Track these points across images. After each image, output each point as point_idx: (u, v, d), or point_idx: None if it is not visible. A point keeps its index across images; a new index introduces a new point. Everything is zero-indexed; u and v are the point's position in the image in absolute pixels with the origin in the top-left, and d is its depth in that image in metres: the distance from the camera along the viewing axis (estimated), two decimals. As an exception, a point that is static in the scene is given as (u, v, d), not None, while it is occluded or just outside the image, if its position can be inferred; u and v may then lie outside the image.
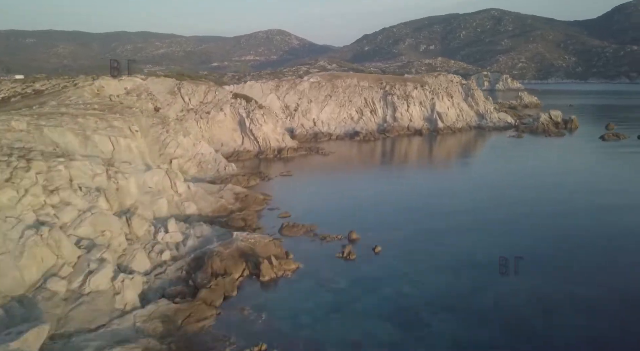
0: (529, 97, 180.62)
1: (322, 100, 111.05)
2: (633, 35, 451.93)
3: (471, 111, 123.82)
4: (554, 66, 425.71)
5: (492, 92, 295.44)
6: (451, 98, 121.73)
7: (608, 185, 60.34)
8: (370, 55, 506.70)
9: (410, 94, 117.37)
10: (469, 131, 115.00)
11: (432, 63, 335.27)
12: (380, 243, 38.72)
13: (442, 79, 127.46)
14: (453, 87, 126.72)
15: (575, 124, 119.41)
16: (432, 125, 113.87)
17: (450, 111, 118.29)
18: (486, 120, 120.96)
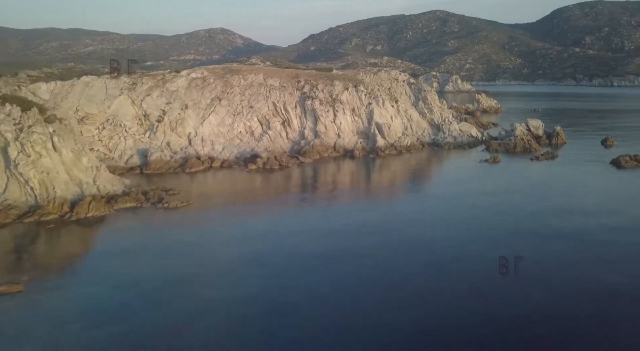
0: (488, 100, 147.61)
1: (207, 105, 71.16)
2: (573, 37, 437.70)
3: (423, 121, 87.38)
4: (500, 67, 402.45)
5: (442, 94, 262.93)
6: (396, 103, 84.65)
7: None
8: (316, 55, 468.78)
9: (338, 97, 79.35)
10: (420, 150, 78.13)
11: (379, 63, 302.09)
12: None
13: (383, 76, 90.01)
14: (398, 88, 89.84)
15: (562, 139, 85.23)
16: (369, 143, 76.34)
17: (394, 121, 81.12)
18: (444, 133, 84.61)
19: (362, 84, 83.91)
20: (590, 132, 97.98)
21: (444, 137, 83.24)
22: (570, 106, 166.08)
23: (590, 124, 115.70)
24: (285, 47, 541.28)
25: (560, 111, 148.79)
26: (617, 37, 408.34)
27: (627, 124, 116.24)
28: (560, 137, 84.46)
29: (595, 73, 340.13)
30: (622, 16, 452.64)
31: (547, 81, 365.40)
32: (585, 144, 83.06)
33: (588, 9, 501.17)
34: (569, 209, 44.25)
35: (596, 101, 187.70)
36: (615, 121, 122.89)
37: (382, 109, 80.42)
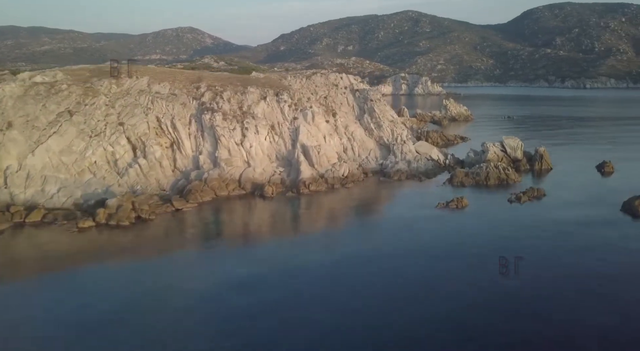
0: (456, 106, 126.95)
1: (48, 123, 47.95)
2: (543, 38, 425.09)
3: (370, 140, 65.50)
4: (472, 68, 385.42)
5: (411, 96, 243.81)
6: (333, 117, 62.67)
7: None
8: (285, 55, 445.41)
9: (251, 109, 56.97)
10: (361, 181, 56.09)
11: (345, 63, 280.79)
12: None
13: (318, 81, 67.49)
14: (338, 97, 67.70)
15: (546, 163, 64.50)
16: (292, 172, 54.27)
17: (329, 142, 59.04)
18: (395, 157, 62.89)
19: (288, 91, 61.53)
20: (579, 151, 77.58)
21: (395, 162, 61.39)
22: (546, 111, 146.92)
23: (574, 135, 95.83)
24: (254, 47, 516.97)
25: (537, 118, 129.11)
26: (587, 38, 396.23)
27: (616, 135, 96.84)
28: (544, 161, 63.74)
29: (567, 75, 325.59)
30: (591, 17, 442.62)
31: (519, 82, 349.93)
32: (578, 171, 62.41)
33: (557, 10, 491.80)
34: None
35: (573, 105, 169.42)
36: (600, 131, 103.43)
37: (311, 126, 58.21)
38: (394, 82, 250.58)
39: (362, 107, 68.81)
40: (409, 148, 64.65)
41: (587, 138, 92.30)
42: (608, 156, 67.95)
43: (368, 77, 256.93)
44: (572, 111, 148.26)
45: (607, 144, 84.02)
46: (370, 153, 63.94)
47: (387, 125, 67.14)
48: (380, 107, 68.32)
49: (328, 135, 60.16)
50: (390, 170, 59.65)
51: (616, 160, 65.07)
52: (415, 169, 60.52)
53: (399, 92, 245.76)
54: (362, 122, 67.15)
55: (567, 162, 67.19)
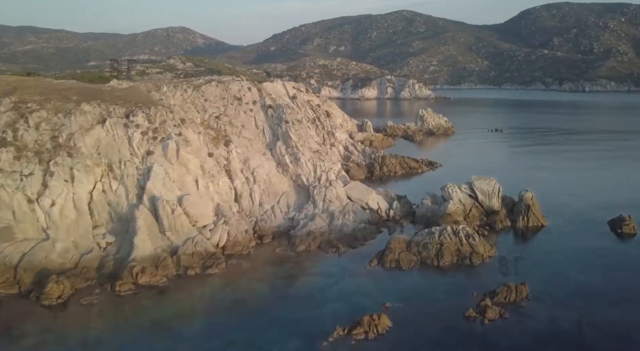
0: (436, 117, 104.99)
1: None
2: (540, 39, 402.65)
3: (283, 180, 43.22)
4: (466, 70, 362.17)
5: (397, 101, 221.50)
6: (225, 147, 41.01)
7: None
8: (275, 55, 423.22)
9: (73, 141, 35.98)
10: (248, 255, 33.82)
11: (329, 65, 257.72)
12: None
13: (211, 93, 45.54)
14: (240, 116, 46.17)
15: (535, 216, 42.91)
16: (122, 249, 33.22)
17: (206, 189, 37.63)
18: (315, 207, 41.21)
19: (154, 108, 40.18)
20: (582, 189, 55.41)
21: (311, 216, 39.99)
22: (541, 122, 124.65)
23: (574, 161, 73.94)
24: (244, 47, 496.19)
25: (529, 132, 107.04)
26: (586, 38, 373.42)
27: (631, 161, 75.00)
28: (533, 214, 42.30)
29: (565, 77, 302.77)
30: (589, 17, 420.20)
31: (515, 84, 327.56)
32: (583, 231, 40.94)
33: (555, 10, 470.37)
34: None
35: (572, 114, 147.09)
36: (607, 154, 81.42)
37: (173, 164, 36.85)
38: (379, 85, 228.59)
39: (275, 130, 47.38)
40: (335, 193, 43.17)
41: (591, 165, 70.46)
42: (622, 199, 46.71)
43: (352, 79, 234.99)
44: (570, 121, 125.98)
45: (617, 176, 62.54)
46: (280, 200, 42.56)
47: (309, 157, 45.63)
48: (299, 132, 46.86)
49: (207, 177, 38.76)
50: (301, 232, 38.24)
51: (635, 208, 43.54)
52: (339, 229, 39.08)
53: (384, 96, 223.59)
54: (275, 153, 45.75)
55: (567, 213, 45.47)
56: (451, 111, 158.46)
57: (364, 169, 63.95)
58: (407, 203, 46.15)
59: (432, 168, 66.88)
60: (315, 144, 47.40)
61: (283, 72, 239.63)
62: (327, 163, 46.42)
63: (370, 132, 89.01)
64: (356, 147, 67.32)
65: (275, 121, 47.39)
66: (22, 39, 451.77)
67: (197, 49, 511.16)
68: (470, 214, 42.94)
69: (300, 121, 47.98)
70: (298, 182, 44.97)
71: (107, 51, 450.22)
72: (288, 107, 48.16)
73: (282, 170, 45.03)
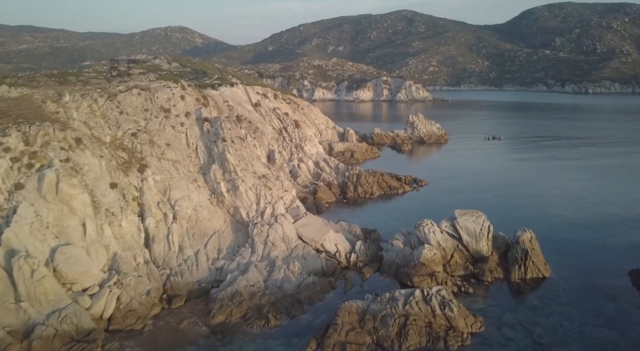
0: (427, 124, 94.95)
1: None
2: (542, 39, 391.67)
3: (218, 214, 33.99)
4: (466, 71, 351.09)
5: (392, 103, 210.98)
6: (139, 174, 31.58)
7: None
8: (273, 55, 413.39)
9: None
10: (135, 338, 25.66)
11: (324, 65, 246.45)
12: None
13: (131, 103, 35.26)
14: (166, 133, 36.48)
15: (536, 267, 33.02)
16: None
17: (95, 233, 28.42)
18: (253, 252, 31.79)
19: (37, 125, 30.45)
20: (595, 221, 45.27)
21: (244, 267, 30.31)
22: (544, 128, 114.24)
23: (586, 180, 63.70)
24: (242, 47, 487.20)
25: (531, 140, 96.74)
26: (588, 39, 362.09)
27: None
28: (532, 262, 32.48)
29: (567, 78, 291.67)
30: (592, 17, 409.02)
31: (516, 86, 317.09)
32: (597, 286, 31.00)
33: (557, 10, 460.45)
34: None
35: (576, 119, 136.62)
36: (619, 170, 71.15)
37: (48, 204, 27.10)
38: (374, 86, 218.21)
39: (210, 148, 37.56)
40: (281, 232, 33.40)
41: (608, 186, 60.20)
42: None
43: (347, 80, 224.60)
44: (575, 127, 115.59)
45: (635, 199, 52.50)
46: (209, 243, 32.81)
47: (251, 185, 35.80)
48: (240, 152, 37.00)
49: (103, 217, 29.07)
50: (221, 293, 28.44)
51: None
52: (279, 286, 29.28)
53: (379, 98, 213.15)
54: (209, 180, 35.98)
55: (576, 259, 35.52)
56: (448, 115, 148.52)
57: (336, 189, 54.10)
58: (374, 243, 36.28)
59: (416, 187, 56.87)
60: (262, 167, 37.53)
61: (276, 72, 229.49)
62: (277, 191, 36.66)
63: (353, 142, 79.07)
64: (329, 162, 57.40)
65: (213, 137, 37.73)
66: (19, 38, 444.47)
67: (196, 49, 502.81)
68: (452, 262, 33.05)
69: (243, 138, 38.09)
70: (236, 217, 35.21)
71: (105, 51, 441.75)
72: (227, 121, 38.22)
73: (217, 201, 35.31)
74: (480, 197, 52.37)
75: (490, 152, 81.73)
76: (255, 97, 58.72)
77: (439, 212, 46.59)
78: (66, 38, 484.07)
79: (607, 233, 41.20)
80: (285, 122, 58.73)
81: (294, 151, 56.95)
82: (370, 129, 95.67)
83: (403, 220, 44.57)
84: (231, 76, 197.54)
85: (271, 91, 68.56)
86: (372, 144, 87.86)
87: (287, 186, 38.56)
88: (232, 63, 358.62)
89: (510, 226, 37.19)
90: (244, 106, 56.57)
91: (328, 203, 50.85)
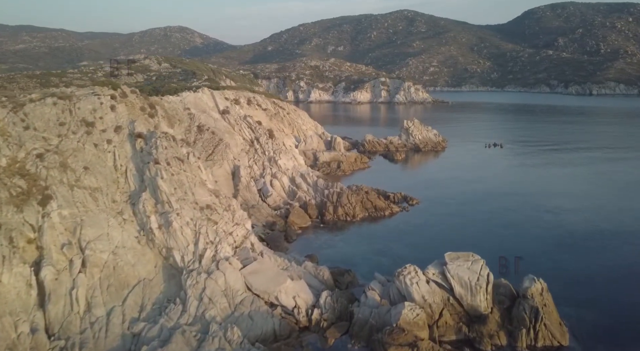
0: (423, 129, 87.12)
1: None
2: (545, 39, 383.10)
3: (148, 255, 27.03)
4: (468, 71, 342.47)
5: (391, 105, 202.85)
6: (41, 208, 24.13)
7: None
8: (272, 55, 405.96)
9: None
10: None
11: (321, 66, 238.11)
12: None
13: (41, 115, 27.25)
14: (85, 153, 28.78)
15: (549, 333, 25.68)
16: None
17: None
18: (183, 310, 24.67)
19: None
20: (620, 261, 37.48)
21: (168, 331, 23.00)
22: (549, 134, 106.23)
23: (602, 195, 55.82)
24: (241, 47, 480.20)
25: (536, 148, 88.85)
26: (592, 39, 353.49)
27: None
28: (544, 324, 24.97)
29: (571, 79, 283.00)
30: (595, 17, 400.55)
31: (518, 87, 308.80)
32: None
33: (560, 9, 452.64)
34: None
35: (583, 122, 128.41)
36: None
37: None
38: (372, 88, 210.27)
39: (142, 172, 29.97)
40: (223, 283, 25.82)
41: (625, 200, 52.48)
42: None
43: (344, 81, 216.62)
44: (584, 132, 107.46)
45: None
46: (128, 298, 25.28)
47: (189, 219, 28.19)
48: (178, 177, 29.42)
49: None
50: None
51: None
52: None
53: (377, 100, 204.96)
54: (138, 211, 28.43)
55: (600, 315, 27.86)
56: (447, 118, 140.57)
57: (313, 210, 46.45)
58: (345, 294, 28.62)
59: (406, 208, 49.11)
60: (207, 195, 29.88)
61: (271, 73, 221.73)
62: (224, 225, 29.12)
63: (340, 151, 71.35)
64: (306, 178, 49.74)
65: (147, 158, 30.23)
66: (17, 38, 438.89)
67: (195, 49, 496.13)
68: (440, 322, 25.41)
69: (183, 158, 30.48)
70: (170, 260, 27.68)
71: (103, 51, 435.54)
72: (164, 138, 30.49)
73: (147, 240, 27.82)
74: (478, 219, 44.76)
75: (491, 162, 73.90)
76: (223, 103, 51.21)
77: (429, 243, 39.05)
78: (65, 38, 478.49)
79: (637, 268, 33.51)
80: (257, 132, 51.13)
81: (266, 165, 49.36)
82: (365, 133, 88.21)
83: (386, 253, 37.07)
84: (224, 76, 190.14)
85: (244, 96, 60.87)
86: (363, 152, 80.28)
87: (240, 217, 30.92)
88: (230, 63, 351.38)
89: (514, 259, 29.61)
90: (209, 113, 49.03)
91: (302, 228, 43.23)
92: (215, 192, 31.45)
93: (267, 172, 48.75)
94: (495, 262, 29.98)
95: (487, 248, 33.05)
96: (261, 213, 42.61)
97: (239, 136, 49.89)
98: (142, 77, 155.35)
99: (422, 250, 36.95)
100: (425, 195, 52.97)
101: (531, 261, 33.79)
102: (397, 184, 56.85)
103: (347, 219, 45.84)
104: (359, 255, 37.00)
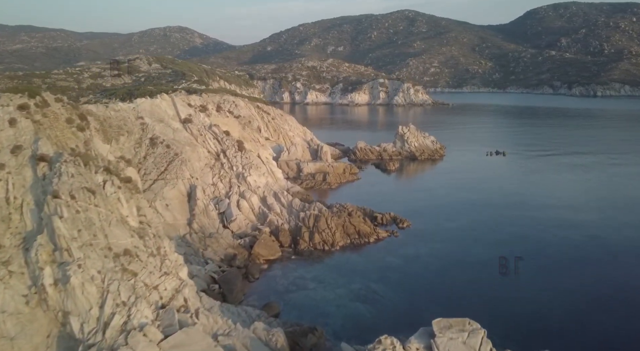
0: (420, 136, 79.67)
1: None
2: (547, 39, 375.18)
3: (38, 323, 20.70)
4: (469, 72, 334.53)
5: (389, 107, 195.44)
6: None
7: None
8: (272, 55, 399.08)
9: None
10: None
11: (318, 66, 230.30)
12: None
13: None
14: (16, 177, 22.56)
15: None
16: None
17: None
18: None
19: None
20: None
21: None
22: (556, 139, 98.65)
23: (621, 219, 48.69)
24: (240, 47, 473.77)
25: (544, 156, 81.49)
26: (595, 39, 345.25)
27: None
28: None
29: (574, 80, 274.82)
30: (598, 17, 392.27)
31: (521, 88, 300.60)
32: None
33: (562, 9, 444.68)
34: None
35: (589, 126, 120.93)
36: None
37: None
38: (371, 89, 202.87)
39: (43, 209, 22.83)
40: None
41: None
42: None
43: (342, 82, 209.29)
44: (592, 138, 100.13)
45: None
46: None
47: (95, 272, 21.07)
48: (86, 215, 22.30)
49: None
50: None
51: None
52: None
53: (376, 102, 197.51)
54: (30, 260, 21.32)
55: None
56: (447, 122, 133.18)
57: (286, 237, 39.31)
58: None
59: (394, 233, 41.85)
60: (127, 236, 22.77)
61: (268, 74, 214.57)
62: (147, 277, 22.07)
63: (327, 161, 64.06)
64: (280, 198, 42.58)
65: (49, 188, 23.22)
66: (15, 38, 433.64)
67: (195, 49, 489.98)
68: None
69: (95, 190, 23.36)
70: (67, 329, 20.62)
71: (102, 51, 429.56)
72: (71, 163, 23.36)
73: (40, 300, 20.82)
74: (476, 250, 37.50)
75: (493, 173, 66.56)
76: (185, 111, 44.21)
77: (416, 285, 31.84)
78: (64, 38, 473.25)
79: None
80: (224, 144, 44.02)
81: (233, 182, 42.26)
82: (359, 138, 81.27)
83: (366, 298, 30.00)
84: (218, 77, 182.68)
85: (211, 103, 53.63)
86: (354, 161, 73.16)
87: (171, 264, 23.80)
88: (229, 64, 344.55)
89: (521, 309, 22.48)
90: (167, 123, 41.94)
91: (268, 261, 36.10)
92: (140, 231, 24.36)
93: (234, 190, 41.64)
94: (499, 327, 22.86)
95: (488, 300, 25.89)
96: (219, 243, 35.46)
97: (202, 149, 42.85)
98: (129, 79, 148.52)
99: (408, 295, 29.87)
100: (417, 215, 45.78)
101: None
102: (386, 201, 49.75)
103: (324, 248, 38.68)
104: (333, 301, 29.89)
